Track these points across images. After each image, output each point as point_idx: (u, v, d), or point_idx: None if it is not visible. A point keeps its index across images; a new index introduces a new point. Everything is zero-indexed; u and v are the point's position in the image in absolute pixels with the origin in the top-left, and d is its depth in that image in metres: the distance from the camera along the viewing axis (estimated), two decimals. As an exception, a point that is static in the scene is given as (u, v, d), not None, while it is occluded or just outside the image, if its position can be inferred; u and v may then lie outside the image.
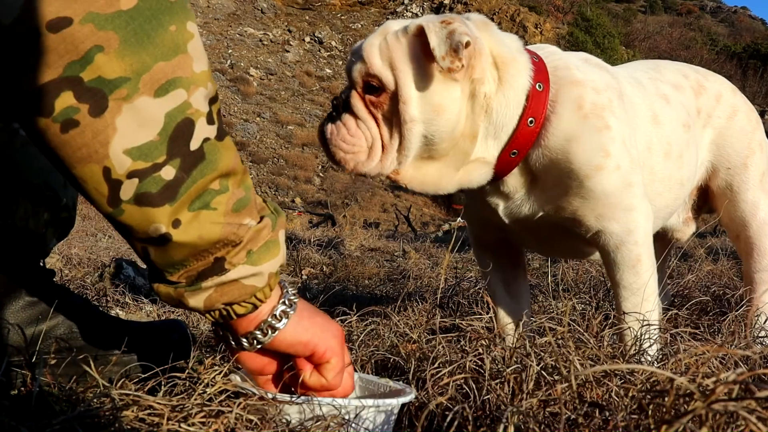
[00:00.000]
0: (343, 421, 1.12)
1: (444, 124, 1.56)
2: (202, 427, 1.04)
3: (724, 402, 0.77)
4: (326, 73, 38.29)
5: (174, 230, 0.96)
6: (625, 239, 1.69)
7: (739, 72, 40.04)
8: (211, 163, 0.97)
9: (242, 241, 1.03)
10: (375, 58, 1.55)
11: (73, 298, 1.55)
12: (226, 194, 1.00)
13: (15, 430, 0.96)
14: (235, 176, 1.02)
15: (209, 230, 0.99)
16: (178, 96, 0.92)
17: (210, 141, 0.97)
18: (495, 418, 1.14)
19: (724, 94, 2.15)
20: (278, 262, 1.09)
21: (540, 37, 40.56)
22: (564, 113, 1.62)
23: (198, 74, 0.95)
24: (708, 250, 4.47)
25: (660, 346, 1.63)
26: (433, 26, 1.51)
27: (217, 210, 0.99)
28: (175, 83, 0.92)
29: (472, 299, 2.66)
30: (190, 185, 0.96)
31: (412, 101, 1.53)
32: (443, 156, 1.60)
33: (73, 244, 5.68)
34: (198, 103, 0.95)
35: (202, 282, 1.03)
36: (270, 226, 1.07)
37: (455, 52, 1.48)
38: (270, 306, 1.12)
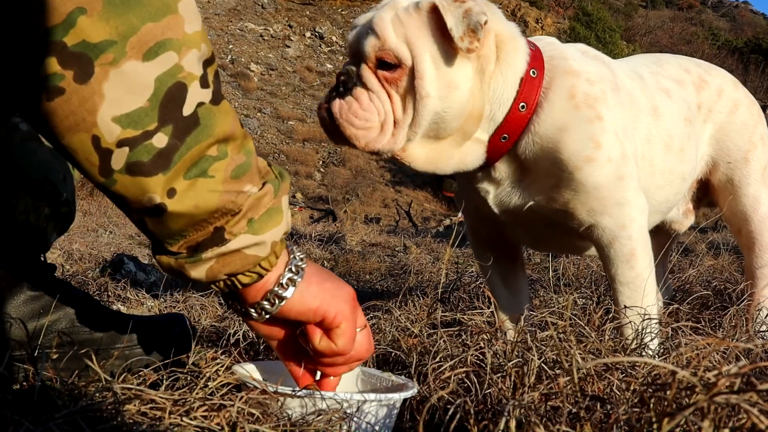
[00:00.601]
0: (345, 414, 1.12)
1: (457, 101, 1.56)
2: (204, 420, 1.04)
3: (726, 395, 0.77)
4: (327, 69, 38.23)
5: (169, 200, 0.93)
6: (618, 234, 1.68)
7: (741, 67, 39.96)
8: (207, 128, 0.93)
9: (241, 210, 0.99)
10: (390, 32, 1.53)
11: (74, 292, 1.55)
12: (224, 160, 0.96)
13: (18, 424, 0.96)
14: (234, 141, 0.98)
15: (206, 199, 0.95)
16: (169, 59, 0.88)
17: (205, 105, 0.93)
18: (497, 411, 1.15)
19: (726, 88, 2.15)
20: (281, 230, 1.05)
21: (541, 32, 40.49)
22: (555, 101, 1.62)
23: (190, 35, 0.90)
24: (709, 245, 4.47)
25: (661, 340, 1.63)
26: (447, 5, 1.50)
27: (214, 177, 0.96)
28: (164, 45, 0.87)
29: (473, 294, 2.66)
30: (185, 152, 0.92)
31: (427, 77, 1.52)
32: (448, 136, 1.60)
33: (74, 239, 5.68)
34: (190, 66, 0.90)
35: (202, 253, 1.00)
36: (272, 193, 1.03)
37: (473, 32, 1.48)
38: (276, 274, 1.09)
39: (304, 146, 29.84)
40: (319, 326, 1.15)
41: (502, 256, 1.97)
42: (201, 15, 0.95)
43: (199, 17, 0.93)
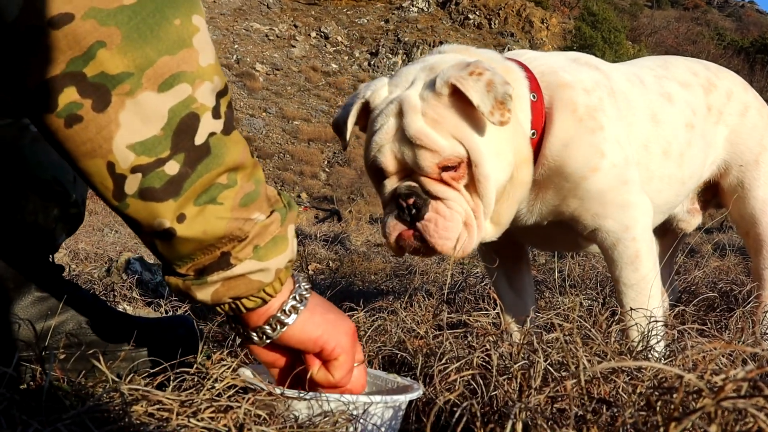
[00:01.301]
0: (351, 416, 1.12)
1: (506, 164, 1.57)
2: (211, 422, 1.04)
3: (733, 399, 0.77)
4: (332, 68, 38.25)
5: (178, 225, 0.96)
6: (622, 236, 1.69)
7: (747, 67, 39.85)
8: (218, 157, 0.97)
9: (248, 237, 1.02)
10: (438, 140, 1.51)
11: (82, 293, 1.56)
12: (233, 188, 0.99)
13: (26, 424, 0.97)
14: (244, 170, 1.01)
15: (214, 225, 0.98)
16: (183, 90, 0.91)
17: (216, 135, 0.96)
18: (503, 414, 1.14)
19: (735, 91, 2.14)
20: (286, 257, 1.07)
21: (546, 32, 40.49)
22: (560, 119, 1.64)
23: (204, 68, 0.94)
24: (715, 246, 4.46)
25: (666, 342, 1.63)
26: (465, 81, 1.49)
27: (223, 205, 0.99)
28: (179, 78, 0.91)
29: (478, 295, 2.66)
30: (195, 180, 0.95)
31: (483, 161, 1.52)
32: (505, 195, 1.61)
33: (80, 239, 5.70)
34: (203, 98, 0.94)
35: (207, 276, 1.03)
36: (279, 221, 1.06)
37: (503, 104, 1.47)
38: (280, 300, 1.11)
39: (309, 146, 29.86)
40: (318, 356, 1.17)
41: (507, 257, 1.98)
42: (206, 15, 0.96)
43: (213, 50, 0.96)
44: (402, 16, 43.01)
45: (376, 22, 42.63)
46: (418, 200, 1.53)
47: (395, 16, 42.96)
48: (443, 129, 1.51)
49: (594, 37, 37.24)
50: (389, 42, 40.43)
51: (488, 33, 40.94)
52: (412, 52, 39.20)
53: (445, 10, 43.15)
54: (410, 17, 42.70)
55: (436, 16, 42.67)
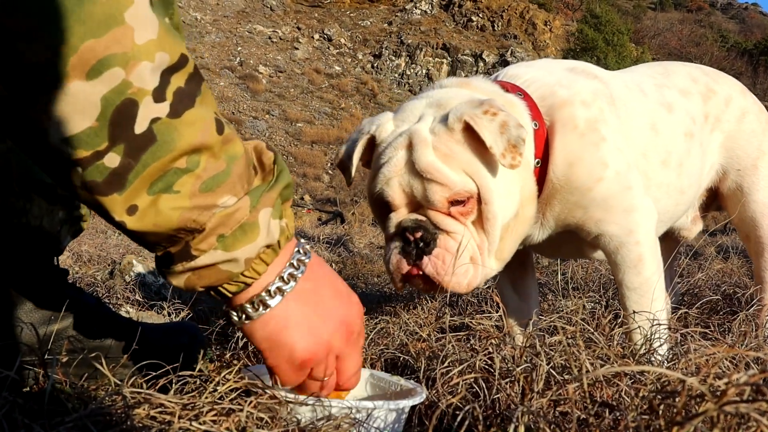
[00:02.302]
0: (354, 420, 1.12)
1: (513, 203, 1.57)
2: (213, 425, 1.04)
3: (736, 404, 0.77)
4: (335, 71, 38.28)
5: (128, 218, 0.90)
6: (625, 240, 1.70)
7: (750, 69, 39.83)
8: (166, 144, 0.88)
9: (205, 228, 0.94)
10: (449, 174, 1.50)
11: (85, 298, 1.56)
12: (194, 172, 0.92)
13: (28, 427, 0.97)
14: (209, 150, 0.93)
15: (166, 217, 0.91)
16: (115, 76, 0.83)
17: (161, 120, 0.88)
18: (505, 417, 1.14)
19: (734, 96, 2.15)
20: (258, 245, 0.99)
21: (549, 35, 40.50)
22: (563, 139, 1.64)
23: (141, 46, 0.84)
24: (718, 249, 4.46)
25: (669, 346, 1.63)
26: (479, 119, 1.48)
27: (179, 193, 0.91)
28: (108, 62, 0.82)
29: (481, 298, 2.65)
30: (141, 171, 0.88)
31: (493, 199, 1.52)
32: (509, 232, 1.60)
33: (83, 241, 5.70)
34: (141, 81, 0.85)
35: (173, 266, 0.98)
36: (247, 207, 0.97)
37: (515, 147, 1.46)
38: (268, 279, 1.04)
39: (312, 148, 29.89)
40: None
41: (513, 261, 1.97)
42: (209, 17, 0.92)
43: (156, 22, 0.87)
44: (405, 18, 43.03)
45: (379, 24, 42.66)
46: (426, 234, 1.52)
47: (398, 18, 42.98)
48: (454, 164, 1.51)
49: (597, 39, 37.23)
50: (392, 44, 40.46)
51: (491, 35, 40.95)
52: (415, 54, 39.24)
53: (448, 12, 43.16)
54: (413, 19, 42.72)
55: (439, 18, 42.69)
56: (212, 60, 34.96)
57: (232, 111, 31.05)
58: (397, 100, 35.74)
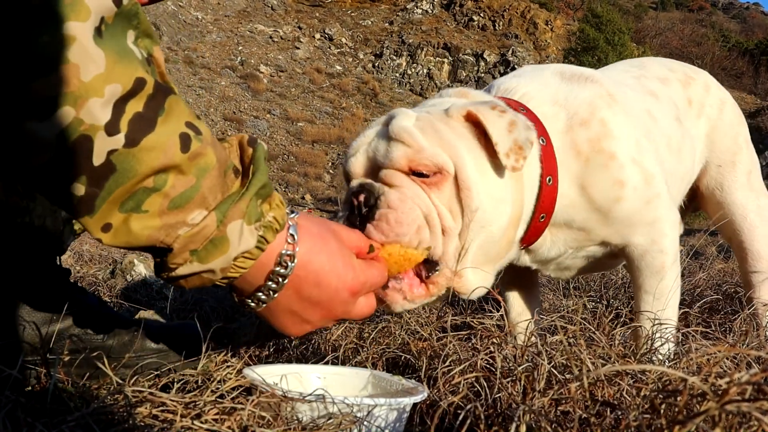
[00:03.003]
0: (356, 418, 1.12)
1: (501, 210, 1.44)
2: (215, 424, 1.04)
3: (737, 403, 0.77)
4: (336, 70, 38.28)
5: (103, 235, 0.93)
6: (649, 248, 1.67)
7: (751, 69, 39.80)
8: (126, 171, 0.89)
9: (174, 247, 0.97)
10: (420, 139, 1.37)
11: (87, 297, 1.56)
12: (162, 191, 0.93)
13: (31, 426, 0.97)
14: (177, 167, 0.93)
15: (136, 236, 0.94)
16: (65, 114, 0.84)
17: (118, 151, 0.88)
18: (507, 416, 1.15)
19: (711, 85, 2.13)
20: (230, 257, 1.01)
21: (550, 34, 40.48)
22: (569, 166, 1.58)
23: (88, 83, 0.85)
24: (719, 248, 4.46)
25: (676, 349, 1.63)
26: (487, 113, 1.39)
27: (148, 212, 0.93)
28: (57, 102, 0.84)
29: (482, 297, 2.65)
30: (107, 196, 0.90)
31: (474, 188, 1.38)
32: (494, 253, 1.48)
33: (84, 240, 5.70)
34: (91, 117, 0.85)
35: (161, 273, 1.02)
36: (215, 223, 0.98)
37: (521, 149, 1.37)
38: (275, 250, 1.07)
39: (314, 147, 29.89)
40: None
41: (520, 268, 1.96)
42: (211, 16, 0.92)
43: (101, 54, 0.86)
44: (406, 17, 43.03)
45: (380, 24, 42.66)
46: (370, 196, 1.36)
47: (399, 18, 42.98)
48: (433, 137, 1.39)
49: (598, 38, 37.19)
50: (393, 44, 40.46)
51: (492, 35, 40.94)
52: (416, 53, 39.23)
53: (449, 12, 43.16)
54: (414, 19, 42.72)
55: (440, 18, 42.69)
56: (213, 59, 34.98)
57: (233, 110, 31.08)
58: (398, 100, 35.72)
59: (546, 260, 1.73)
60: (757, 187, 2.11)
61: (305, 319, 1.16)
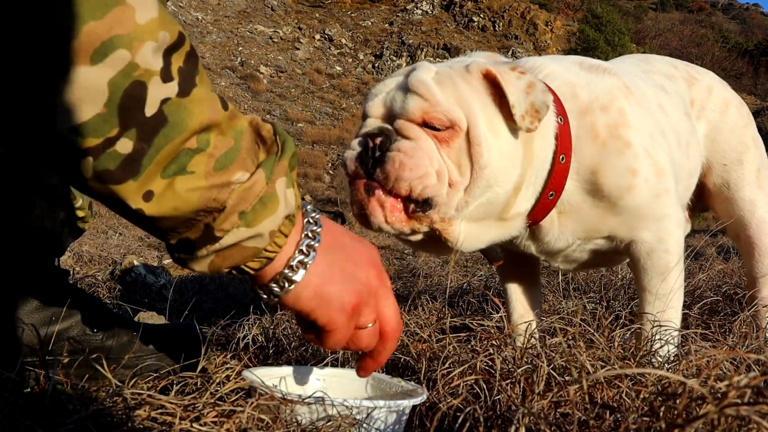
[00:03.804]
0: (355, 421, 1.12)
1: (509, 171, 1.46)
2: (214, 426, 1.04)
3: (737, 406, 0.77)
4: (336, 71, 38.28)
5: (146, 204, 0.88)
6: (656, 247, 1.67)
7: (751, 69, 39.82)
8: (177, 124, 0.86)
9: (226, 206, 0.92)
10: (437, 94, 1.41)
11: (86, 298, 1.56)
12: (206, 151, 0.89)
13: (30, 428, 0.97)
14: (218, 126, 0.91)
15: (185, 199, 0.89)
16: (120, 58, 0.80)
17: (171, 101, 0.85)
18: (506, 419, 1.15)
19: (715, 87, 2.13)
20: (279, 216, 0.97)
21: (550, 35, 40.47)
22: (584, 147, 1.59)
23: (143, 26, 0.81)
24: (719, 249, 4.46)
25: (677, 351, 1.63)
26: (506, 74, 1.41)
27: (194, 173, 0.89)
28: (112, 44, 0.79)
29: (482, 298, 2.66)
30: (155, 154, 0.85)
31: (485, 144, 1.41)
32: (492, 213, 1.50)
33: (83, 241, 5.70)
34: (147, 62, 0.82)
35: (197, 251, 0.95)
36: (264, 179, 0.95)
37: (537, 112, 1.40)
38: (287, 255, 1.02)
39: (314, 148, 29.89)
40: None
41: (518, 262, 1.97)
42: (211, 17, 0.91)
43: (156, 1, 0.84)
44: (406, 18, 43.05)
45: (380, 25, 42.67)
46: (386, 141, 1.40)
47: (399, 19, 42.99)
48: (450, 91, 1.42)
49: (598, 39, 37.21)
50: (393, 44, 40.47)
51: (492, 35, 40.96)
52: (417, 54, 39.24)
53: (449, 13, 43.17)
54: (414, 19, 42.74)
55: (440, 19, 42.70)
56: (213, 60, 34.99)
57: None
58: (398, 101, 35.54)
59: (553, 251, 1.73)
60: (766, 184, 2.12)
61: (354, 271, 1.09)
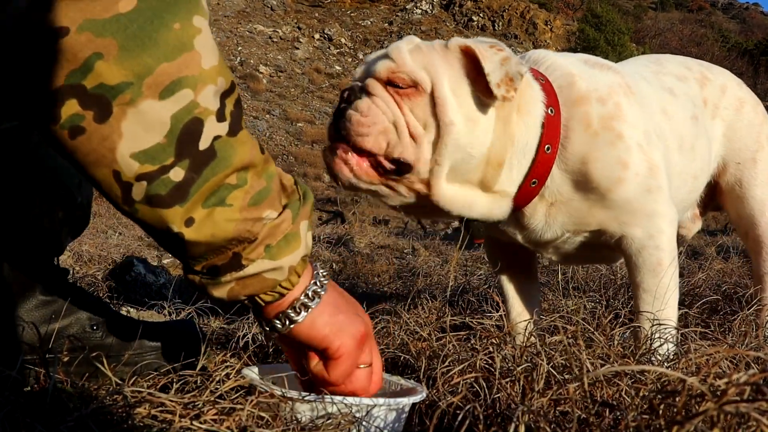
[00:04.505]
0: (354, 419, 1.12)
1: (481, 138, 1.52)
2: (214, 424, 1.04)
3: (736, 403, 0.77)
4: (336, 70, 38.28)
5: (186, 229, 0.97)
6: (646, 243, 1.68)
7: (751, 69, 39.83)
8: (224, 160, 0.96)
9: (257, 238, 1.02)
10: (406, 57, 1.50)
11: (86, 297, 1.56)
12: (243, 188, 0.99)
13: (30, 427, 0.97)
14: (255, 168, 1.01)
15: (223, 228, 0.98)
16: (185, 96, 0.91)
17: (221, 138, 0.96)
18: (506, 417, 1.15)
19: (730, 86, 2.13)
20: (299, 254, 1.07)
21: (550, 34, 40.48)
22: (575, 136, 1.61)
23: (207, 71, 0.93)
24: (719, 248, 4.46)
25: (674, 347, 1.63)
26: (483, 49, 1.48)
27: (232, 206, 0.99)
28: (180, 83, 0.90)
29: (481, 297, 2.66)
30: (202, 184, 0.95)
31: (449, 104, 1.48)
32: (474, 179, 1.56)
33: (83, 240, 5.70)
34: (207, 102, 0.93)
35: (221, 276, 1.04)
36: (290, 219, 1.06)
37: (512, 80, 1.46)
38: (293, 296, 1.11)
39: (313, 148, 29.87)
40: (321, 354, 1.17)
41: (516, 260, 1.97)
42: (210, 17, 0.96)
43: (216, 51, 0.95)
44: (405, 17, 43.04)
45: (379, 24, 42.67)
46: (351, 95, 1.51)
47: (399, 18, 42.99)
48: (421, 58, 1.50)
49: (598, 39, 37.24)
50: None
51: (492, 35, 40.94)
52: (416, 54, 39.16)
53: (448, 12, 43.17)
54: (414, 19, 42.73)
55: (439, 18, 42.70)
56: (213, 60, 34.94)
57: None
58: (397, 100, 35.54)
59: (541, 242, 1.75)
60: None
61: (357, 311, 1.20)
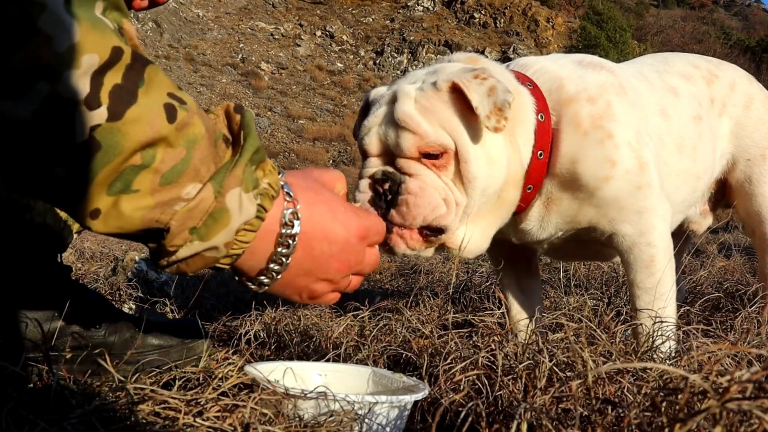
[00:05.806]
0: (357, 416, 1.12)
1: (498, 175, 1.56)
2: (217, 421, 1.04)
3: (738, 401, 0.77)
4: (337, 68, 38.26)
5: (93, 221, 0.87)
6: (637, 240, 1.68)
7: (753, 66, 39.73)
8: (112, 148, 0.83)
9: (170, 227, 0.90)
10: (424, 124, 1.50)
11: (89, 294, 1.57)
12: (151, 167, 0.86)
13: (33, 423, 0.97)
14: (164, 140, 0.87)
15: (129, 219, 0.88)
16: (40, 91, 0.78)
17: (101, 127, 0.81)
18: (508, 414, 1.15)
19: (739, 82, 2.12)
20: (232, 229, 0.95)
21: (551, 31, 40.42)
22: (565, 138, 1.63)
23: (62, 53, 0.78)
24: (720, 246, 4.45)
25: (675, 344, 1.63)
26: (468, 83, 1.48)
27: (139, 192, 0.87)
28: (31, 76, 0.77)
29: (483, 294, 2.66)
30: (93, 178, 0.83)
31: (472, 159, 1.51)
32: (490, 208, 1.60)
33: (85, 237, 5.70)
34: (69, 90, 0.79)
35: (159, 260, 0.95)
36: (211, 195, 0.92)
37: (500, 110, 1.46)
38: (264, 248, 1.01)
39: (315, 145, 29.88)
40: None
41: (518, 258, 1.97)
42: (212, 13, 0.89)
43: (73, 24, 0.79)
44: (407, 15, 43.00)
45: (381, 21, 42.63)
46: (393, 184, 1.51)
47: (400, 15, 42.95)
48: (432, 118, 1.51)
49: (599, 36, 37.17)
50: (394, 41, 40.43)
51: (493, 32, 40.91)
52: (418, 51, 39.20)
53: (450, 9, 43.11)
54: (415, 16, 42.69)
55: (441, 15, 42.65)
56: (214, 57, 34.97)
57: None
58: (399, 97, 35.50)
59: (535, 241, 1.78)
60: None
61: (324, 278, 1.09)
